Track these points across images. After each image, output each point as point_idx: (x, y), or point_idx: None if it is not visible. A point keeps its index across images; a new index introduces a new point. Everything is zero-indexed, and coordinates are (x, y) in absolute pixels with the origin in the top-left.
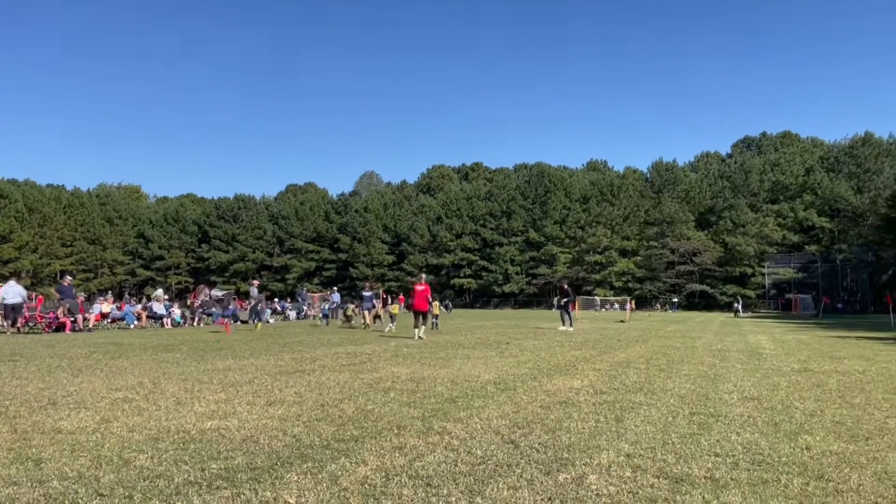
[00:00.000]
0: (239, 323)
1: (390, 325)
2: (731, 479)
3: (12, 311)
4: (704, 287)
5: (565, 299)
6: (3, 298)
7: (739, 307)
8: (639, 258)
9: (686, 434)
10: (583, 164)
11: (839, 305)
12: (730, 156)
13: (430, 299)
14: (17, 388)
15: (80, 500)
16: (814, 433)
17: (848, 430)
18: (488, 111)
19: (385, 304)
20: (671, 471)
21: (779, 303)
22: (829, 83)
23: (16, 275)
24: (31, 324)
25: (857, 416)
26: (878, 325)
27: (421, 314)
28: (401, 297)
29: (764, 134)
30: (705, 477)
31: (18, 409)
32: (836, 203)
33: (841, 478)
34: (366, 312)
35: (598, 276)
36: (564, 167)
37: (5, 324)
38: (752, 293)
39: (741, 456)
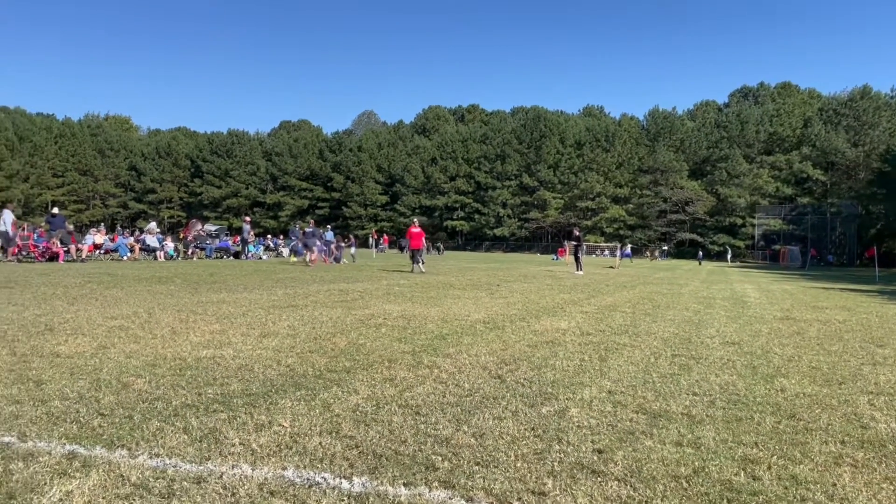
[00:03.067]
0: (232, 258)
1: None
2: (707, 416)
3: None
4: (694, 236)
5: (575, 244)
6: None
7: (701, 255)
8: (631, 206)
9: (667, 374)
10: (579, 110)
11: (830, 258)
12: (727, 105)
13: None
14: (14, 314)
15: (81, 419)
16: (790, 377)
17: (823, 375)
18: (487, 53)
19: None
20: (650, 407)
21: (767, 254)
22: (829, 34)
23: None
24: (23, 252)
25: (833, 363)
26: (863, 278)
27: (417, 252)
28: (385, 237)
29: (762, 84)
30: (682, 413)
31: (17, 334)
32: (831, 156)
33: (812, 417)
34: (313, 251)
35: (588, 223)
36: (561, 112)
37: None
38: (741, 243)
39: (718, 395)
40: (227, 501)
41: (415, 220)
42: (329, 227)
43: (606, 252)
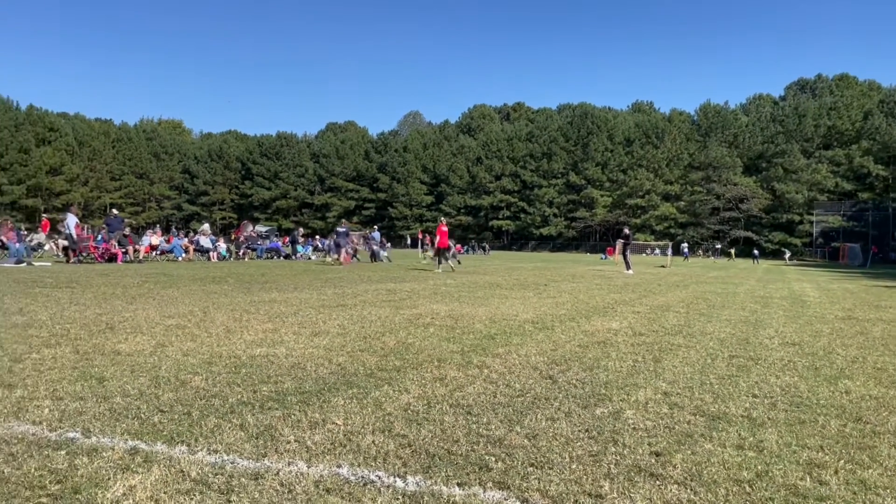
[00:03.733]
0: (282, 258)
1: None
2: (769, 418)
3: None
4: (749, 234)
5: (623, 243)
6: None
7: (757, 254)
8: (682, 203)
9: (724, 375)
10: (628, 106)
11: (892, 255)
12: (783, 98)
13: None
14: (77, 313)
15: (142, 416)
16: (854, 378)
17: (889, 377)
18: (533, 50)
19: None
20: (708, 409)
21: (826, 251)
22: (888, 23)
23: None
24: (84, 254)
25: None
26: None
27: (444, 251)
28: (428, 237)
29: (819, 76)
30: (742, 416)
31: (79, 332)
32: (893, 149)
33: (879, 420)
34: (342, 250)
35: (638, 221)
36: (609, 108)
37: (60, 253)
38: (798, 241)
39: (779, 397)
40: (284, 498)
41: (442, 218)
42: (375, 227)
43: (657, 251)
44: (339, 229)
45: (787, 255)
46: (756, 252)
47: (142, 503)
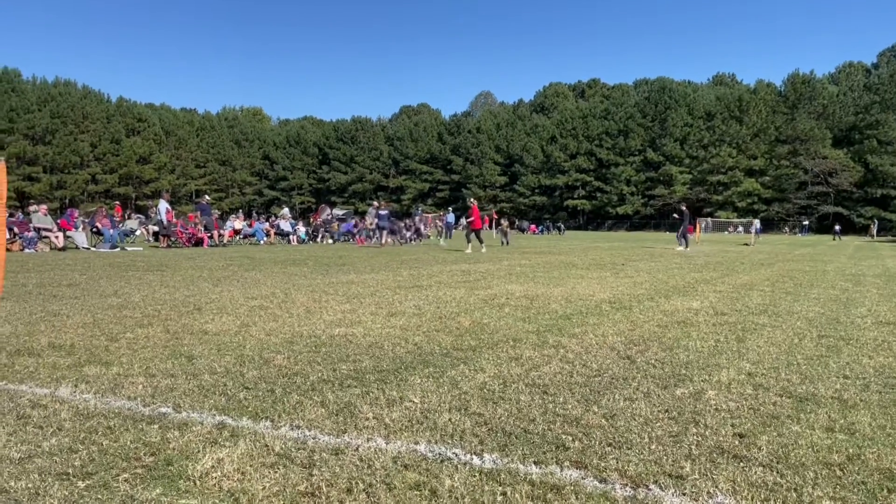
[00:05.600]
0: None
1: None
2: (861, 400)
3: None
4: (839, 209)
5: (682, 220)
6: (158, 213)
7: (838, 229)
8: (767, 178)
9: (813, 356)
10: (709, 79)
11: None
12: (876, 66)
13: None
14: (167, 295)
15: (228, 392)
16: None
17: None
18: (607, 24)
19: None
20: (795, 390)
21: None
22: None
23: (167, 194)
24: (172, 239)
25: None
26: None
27: (478, 231)
28: (486, 218)
29: None
30: (832, 397)
31: (169, 313)
32: None
33: None
34: (383, 233)
35: (719, 198)
36: (688, 82)
37: (150, 238)
38: (894, 216)
39: (872, 379)
40: (363, 473)
41: (472, 200)
42: (450, 209)
43: (740, 228)
44: (381, 212)
45: (875, 227)
46: (838, 228)
47: (229, 475)
